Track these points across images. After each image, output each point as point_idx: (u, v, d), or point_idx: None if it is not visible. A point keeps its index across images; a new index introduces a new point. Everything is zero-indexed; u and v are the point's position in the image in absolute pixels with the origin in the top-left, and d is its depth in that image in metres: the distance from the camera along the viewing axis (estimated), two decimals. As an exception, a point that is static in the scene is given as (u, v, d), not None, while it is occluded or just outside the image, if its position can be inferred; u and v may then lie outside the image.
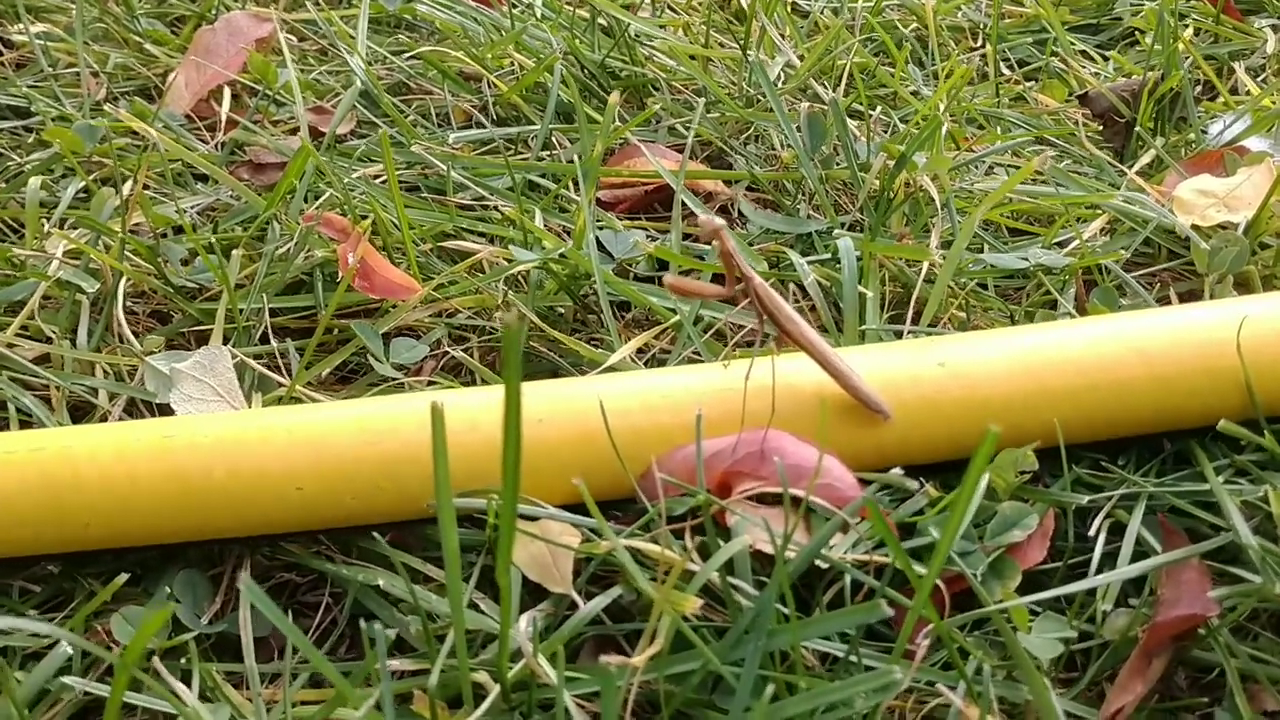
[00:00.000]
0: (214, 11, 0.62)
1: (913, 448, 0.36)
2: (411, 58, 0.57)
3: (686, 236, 0.46)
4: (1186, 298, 0.44)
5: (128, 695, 0.30)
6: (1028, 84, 0.59)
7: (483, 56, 0.55)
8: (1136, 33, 0.64)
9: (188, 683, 0.30)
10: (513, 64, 0.56)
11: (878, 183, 0.46)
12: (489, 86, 0.55)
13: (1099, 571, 0.34)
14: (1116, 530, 0.35)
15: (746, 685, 0.28)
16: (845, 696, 0.27)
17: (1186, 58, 0.56)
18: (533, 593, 0.32)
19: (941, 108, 0.50)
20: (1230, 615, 0.31)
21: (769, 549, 0.30)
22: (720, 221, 0.33)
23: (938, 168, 0.44)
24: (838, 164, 0.48)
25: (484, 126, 0.54)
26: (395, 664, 0.30)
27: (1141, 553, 0.34)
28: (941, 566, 0.27)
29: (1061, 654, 0.31)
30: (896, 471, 0.33)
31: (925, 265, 0.43)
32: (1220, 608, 0.31)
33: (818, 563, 0.32)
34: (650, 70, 0.56)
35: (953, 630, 0.31)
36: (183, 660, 0.31)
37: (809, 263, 0.42)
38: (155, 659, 0.30)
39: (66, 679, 0.30)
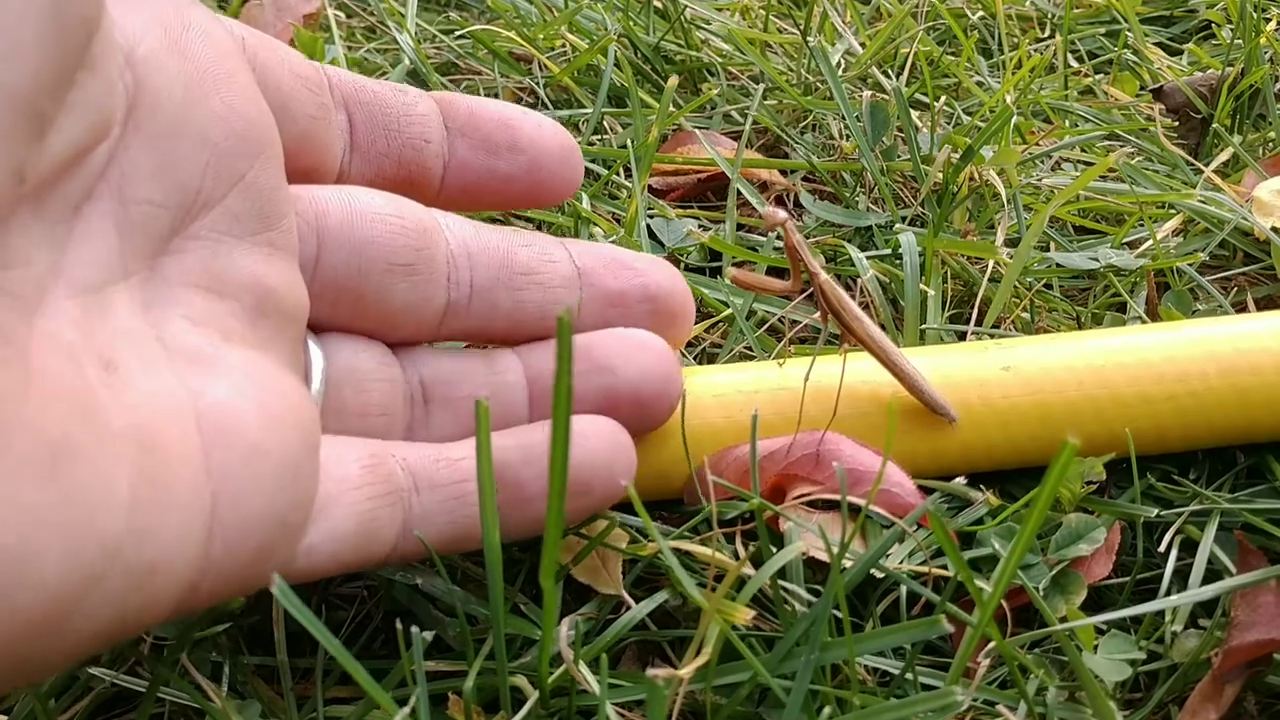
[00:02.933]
0: (264, -13, 0.61)
1: (974, 454, 0.34)
2: (461, 36, 0.56)
3: (741, 227, 0.45)
4: (1264, 304, 0.42)
5: (160, 690, 0.29)
6: (1098, 76, 0.57)
7: (534, 37, 0.54)
8: (1212, 25, 0.62)
9: (218, 676, 0.30)
10: (565, 45, 0.55)
11: (941, 176, 0.44)
12: (540, 68, 0.53)
13: (1169, 590, 0.32)
14: (1187, 546, 0.33)
15: (797, 700, 0.26)
16: (902, 716, 0.26)
17: (1268, 51, 0.53)
18: (576, 594, 0.31)
19: (1010, 99, 0.48)
20: (1309, 642, 0.30)
21: (824, 556, 0.29)
22: (784, 214, 0.32)
23: (1005, 161, 0.42)
24: (900, 156, 0.47)
25: (535, 107, 0.52)
26: (431, 665, 0.29)
27: (1214, 571, 0.33)
28: (1008, 584, 0.25)
29: (1128, 676, 0.30)
30: (960, 481, 0.32)
31: (990, 264, 0.41)
32: (1299, 634, 0.30)
33: (874, 573, 0.31)
34: (706, 54, 0.54)
35: (1014, 648, 0.30)
36: (213, 654, 0.30)
37: (868, 258, 0.40)
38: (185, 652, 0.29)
39: (94, 670, 0.29)
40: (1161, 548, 0.33)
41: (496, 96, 0.53)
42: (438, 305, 0.30)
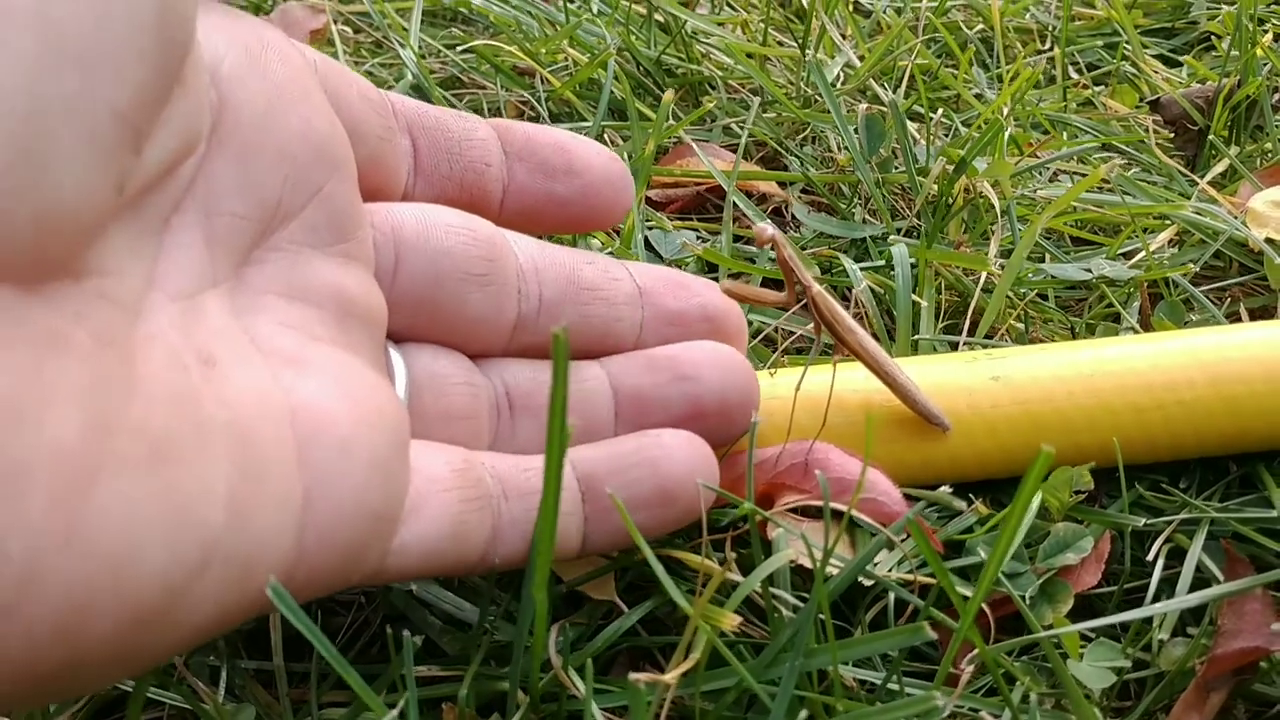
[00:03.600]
0: (270, 3, 0.62)
1: (964, 464, 0.34)
2: (465, 51, 0.57)
3: (738, 239, 0.45)
4: (1259, 314, 0.42)
5: (152, 691, 0.29)
6: (1097, 89, 0.57)
7: (536, 51, 0.55)
8: (1213, 38, 0.62)
9: (216, 679, 0.30)
10: (567, 59, 0.56)
11: (936, 188, 0.44)
12: (542, 82, 0.54)
13: (1157, 598, 0.33)
14: (1176, 555, 0.34)
15: (781, 706, 0.27)
16: (885, 722, 0.26)
17: (1265, 64, 0.54)
18: (569, 600, 0.32)
19: (1005, 111, 0.48)
20: (1295, 650, 0.30)
21: (810, 564, 0.29)
22: (772, 230, 0.32)
23: (999, 173, 0.42)
24: (896, 168, 0.47)
25: (537, 121, 0.53)
26: (423, 670, 0.30)
27: (1202, 580, 0.33)
28: (988, 590, 0.26)
29: (1114, 684, 0.30)
30: (945, 490, 0.32)
31: (984, 275, 0.41)
32: (1284, 642, 0.30)
33: (862, 580, 0.31)
34: (707, 68, 0.55)
35: (1000, 655, 0.30)
36: (210, 658, 0.31)
37: (862, 269, 0.41)
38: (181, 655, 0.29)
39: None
40: (1150, 556, 0.33)
41: (499, 111, 0.54)
42: (509, 317, 0.31)
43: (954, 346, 0.39)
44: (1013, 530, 0.24)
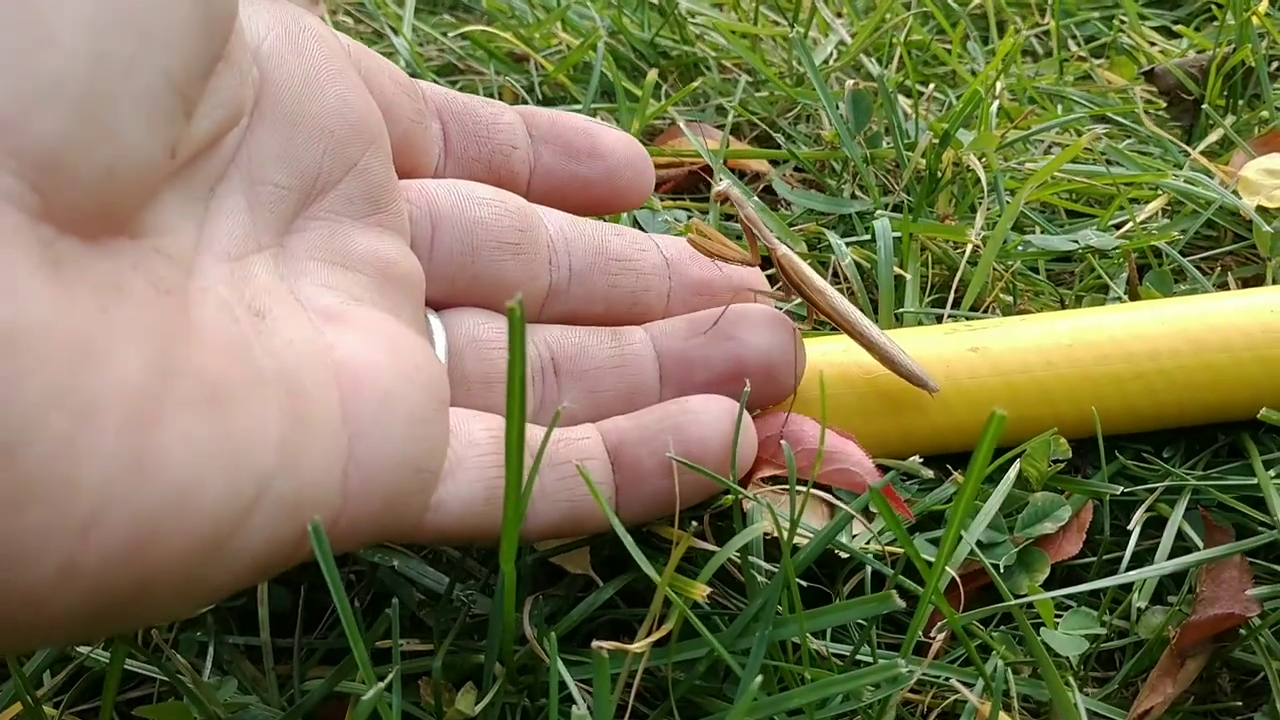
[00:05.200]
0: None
1: (944, 436, 0.35)
2: (459, 38, 0.57)
3: (728, 218, 0.45)
4: (1249, 283, 0.42)
5: (143, 667, 0.30)
6: (1095, 61, 0.57)
7: (530, 36, 0.55)
8: (1214, 7, 0.61)
9: (204, 654, 0.31)
10: (561, 44, 0.56)
11: (924, 162, 0.44)
12: (536, 67, 0.54)
13: (1138, 563, 0.33)
14: (1159, 525, 0.34)
15: (751, 675, 0.27)
16: (851, 688, 0.26)
17: (1263, 33, 0.53)
18: (549, 574, 0.32)
19: (998, 86, 0.48)
20: (1272, 615, 0.30)
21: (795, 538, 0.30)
22: (730, 185, 0.32)
23: (984, 146, 0.42)
24: (886, 144, 0.47)
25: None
26: (405, 645, 0.30)
27: (1184, 549, 0.33)
28: (950, 554, 0.26)
29: (1088, 651, 0.30)
30: (915, 459, 0.32)
31: (969, 247, 0.41)
32: (1261, 607, 0.30)
33: (840, 553, 0.31)
34: (700, 49, 0.55)
35: (973, 624, 0.30)
36: (199, 633, 0.31)
37: (848, 243, 0.41)
38: (155, 632, 0.30)
39: (86, 650, 0.30)
40: (1130, 525, 0.33)
41: (496, 96, 0.54)
42: (542, 285, 0.32)
43: (939, 319, 0.39)
44: (971, 491, 0.25)
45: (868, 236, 0.42)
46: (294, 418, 0.22)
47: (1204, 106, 0.48)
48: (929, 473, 0.32)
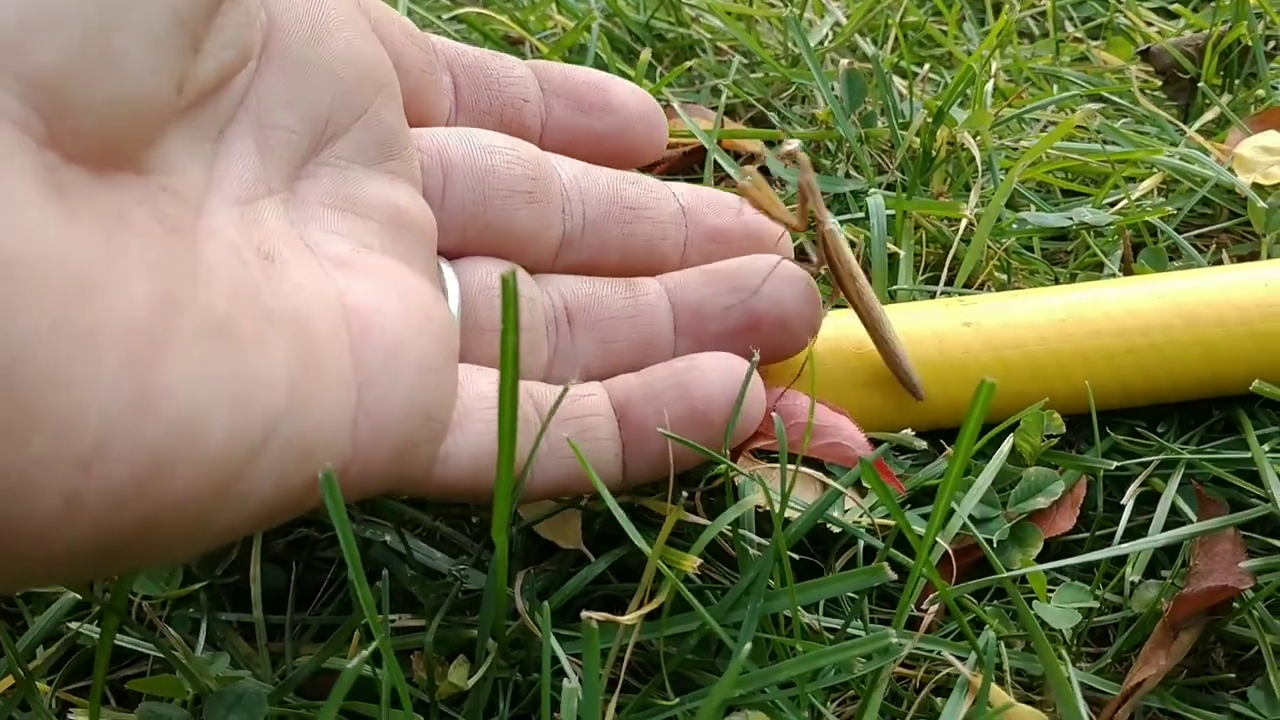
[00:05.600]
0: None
1: (938, 411, 0.34)
2: (453, 19, 0.57)
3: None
4: (1245, 260, 0.42)
5: (136, 643, 0.30)
6: (1092, 42, 0.56)
7: (525, 19, 0.55)
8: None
9: (197, 630, 0.31)
10: (556, 26, 0.56)
11: (918, 140, 0.44)
12: (531, 49, 0.54)
13: (1132, 537, 0.32)
14: (1152, 500, 0.34)
15: (742, 647, 0.27)
16: (841, 660, 0.26)
17: (1260, 13, 0.53)
18: (542, 549, 0.32)
19: (993, 65, 0.48)
20: (1266, 589, 0.30)
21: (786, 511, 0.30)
22: (797, 145, 0.32)
23: (978, 124, 0.42)
24: (881, 123, 0.47)
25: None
26: (397, 620, 0.30)
27: (1177, 523, 0.33)
28: (940, 525, 0.26)
29: (1080, 624, 0.30)
30: (907, 432, 0.32)
31: (964, 225, 0.41)
32: (1254, 580, 0.30)
33: (831, 527, 0.31)
34: (696, 31, 0.55)
35: (966, 599, 0.30)
36: (192, 610, 0.31)
37: (841, 221, 0.41)
38: (148, 608, 0.30)
39: (77, 624, 0.30)
40: (1124, 500, 0.33)
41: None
42: (555, 234, 0.31)
43: (933, 296, 0.39)
44: (960, 462, 0.25)
45: (860, 214, 0.42)
46: (304, 362, 0.22)
47: (1200, 85, 0.48)
48: (922, 444, 0.32)
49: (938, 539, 0.28)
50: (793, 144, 0.32)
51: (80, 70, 0.18)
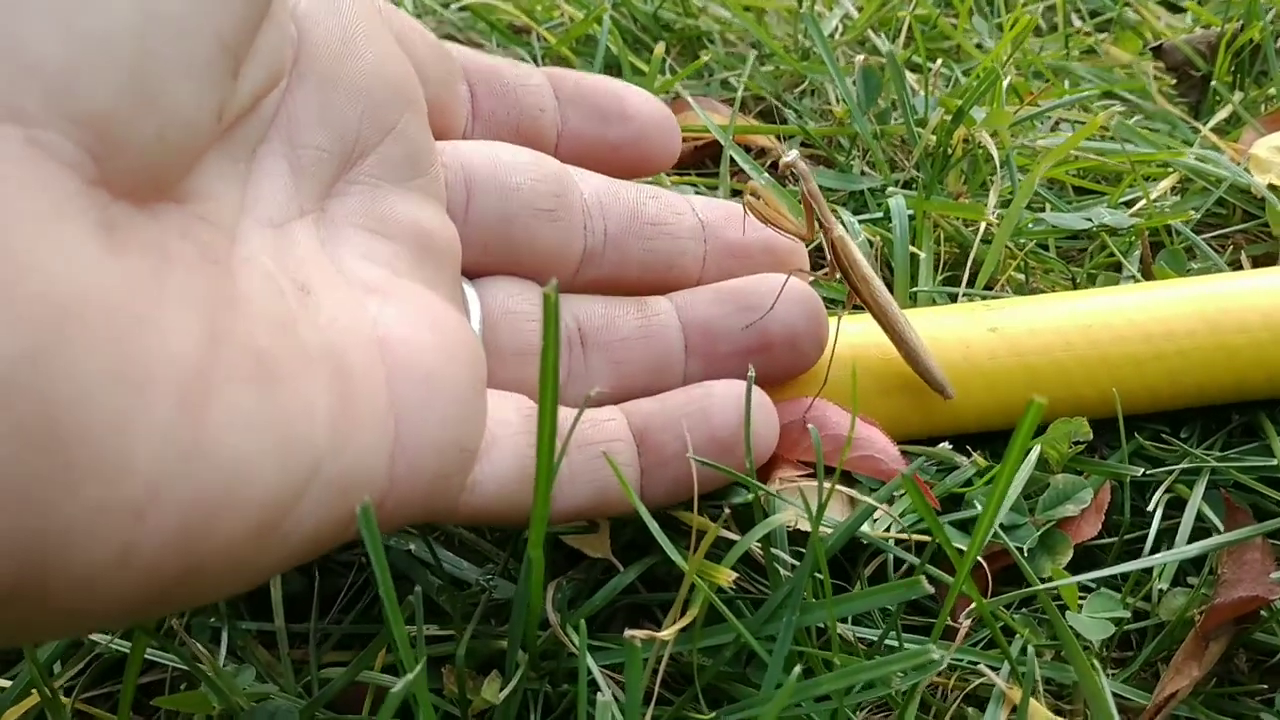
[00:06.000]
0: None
1: (963, 417, 0.34)
2: (460, 9, 0.56)
3: (736, 194, 0.45)
4: (1262, 261, 0.42)
5: (158, 655, 0.29)
6: (1100, 35, 0.56)
7: (532, 8, 0.54)
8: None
9: (218, 640, 0.30)
10: (563, 15, 0.55)
11: (934, 138, 0.44)
12: (538, 40, 0.53)
13: (1156, 548, 0.32)
14: (1177, 505, 0.34)
15: (778, 661, 0.27)
16: (881, 674, 0.26)
17: (1269, 9, 0.53)
18: (568, 557, 0.32)
19: (1005, 59, 0.48)
20: (1294, 597, 0.30)
21: (806, 525, 0.29)
22: (798, 157, 0.32)
23: (997, 123, 0.42)
24: (895, 119, 0.47)
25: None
26: (428, 630, 0.30)
27: (1203, 529, 0.33)
28: (983, 544, 0.26)
29: (1113, 634, 0.30)
30: (945, 446, 0.32)
31: (982, 225, 0.41)
32: (1284, 590, 0.30)
33: (858, 537, 0.31)
34: (704, 22, 0.54)
35: (998, 608, 0.30)
36: (212, 619, 0.31)
37: (860, 221, 0.40)
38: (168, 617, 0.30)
39: (98, 636, 0.30)
40: (1150, 507, 0.33)
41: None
42: (576, 251, 0.31)
43: (953, 298, 0.39)
44: (1005, 485, 0.24)
45: (879, 214, 0.42)
46: (342, 398, 0.22)
47: (1213, 83, 0.48)
48: (962, 459, 0.32)
49: (976, 557, 0.27)
50: (791, 154, 0.32)
51: (129, 107, 0.18)
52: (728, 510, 0.29)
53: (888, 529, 0.31)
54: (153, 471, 0.18)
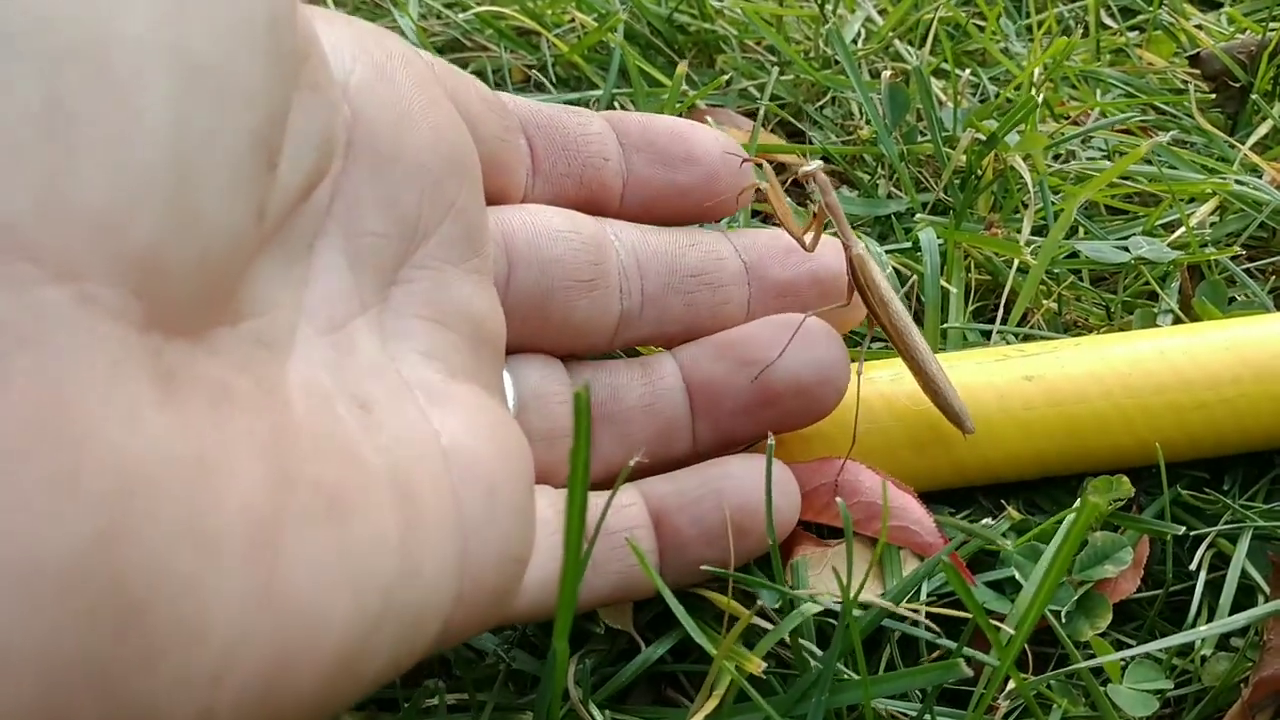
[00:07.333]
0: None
1: (996, 467, 0.33)
2: (466, 13, 0.54)
3: (756, 214, 0.43)
4: (1303, 291, 0.40)
5: None
6: (1131, 35, 0.54)
7: (541, 13, 0.52)
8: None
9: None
10: (574, 21, 0.53)
11: (964, 160, 0.42)
12: (548, 45, 0.52)
13: (1199, 605, 0.31)
14: (1219, 556, 0.32)
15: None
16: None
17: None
18: (588, 615, 0.31)
19: (1037, 76, 0.46)
20: (1344, 668, 0.29)
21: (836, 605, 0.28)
22: (818, 165, 0.30)
23: (1031, 147, 0.40)
24: (921, 135, 0.45)
25: (543, 86, 0.51)
26: (435, 700, 0.29)
27: (1246, 587, 0.32)
28: (1028, 634, 0.25)
29: (1155, 710, 0.29)
30: (987, 522, 0.31)
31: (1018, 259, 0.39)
32: (1334, 661, 0.29)
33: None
34: (721, 26, 0.52)
35: (1040, 687, 0.29)
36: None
37: (887, 250, 0.39)
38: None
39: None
40: (1193, 565, 0.32)
41: (504, 76, 0.52)
42: (612, 318, 0.30)
43: (986, 335, 0.38)
44: (1058, 571, 0.23)
45: (907, 244, 0.40)
46: (409, 521, 0.20)
47: (1253, 95, 0.46)
48: (999, 536, 0.30)
49: (1013, 631, 0.26)
50: (814, 164, 0.30)
51: (170, 233, 0.16)
52: (760, 602, 0.27)
53: (917, 600, 0.29)
54: (229, 632, 0.17)
